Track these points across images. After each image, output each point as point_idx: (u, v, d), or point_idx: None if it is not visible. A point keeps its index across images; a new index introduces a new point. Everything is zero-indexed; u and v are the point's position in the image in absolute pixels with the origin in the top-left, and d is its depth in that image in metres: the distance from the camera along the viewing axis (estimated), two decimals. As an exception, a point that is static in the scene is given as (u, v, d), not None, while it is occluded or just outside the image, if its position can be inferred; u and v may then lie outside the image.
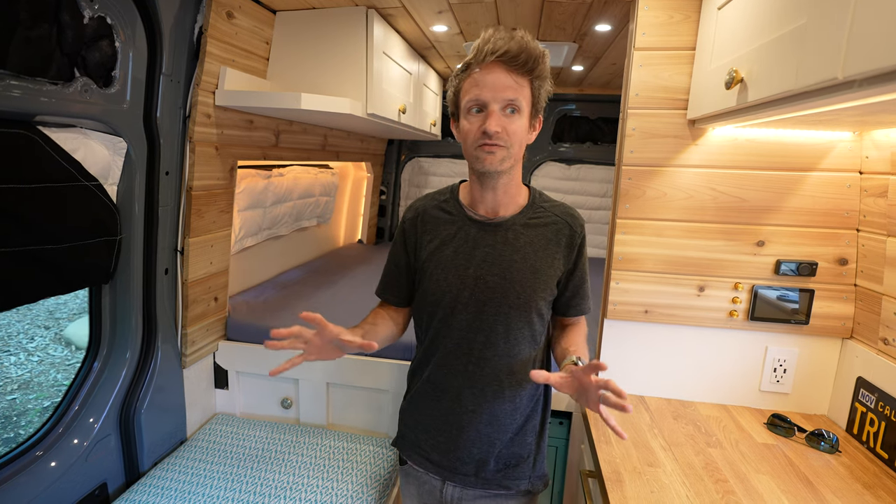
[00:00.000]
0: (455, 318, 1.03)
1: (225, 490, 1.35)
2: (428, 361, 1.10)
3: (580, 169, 3.35)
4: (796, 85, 0.77)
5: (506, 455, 1.09)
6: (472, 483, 1.09)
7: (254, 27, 1.59)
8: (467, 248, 1.04)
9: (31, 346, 4.93)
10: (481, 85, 0.92)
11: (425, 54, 2.42)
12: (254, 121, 1.70)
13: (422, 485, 1.15)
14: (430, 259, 1.06)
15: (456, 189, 1.11)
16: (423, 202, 1.12)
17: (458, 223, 1.06)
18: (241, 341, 1.75)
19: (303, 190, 2.47)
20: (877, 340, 1.22)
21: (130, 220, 1.32)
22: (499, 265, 1.02)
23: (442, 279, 1.04)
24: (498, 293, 1.01)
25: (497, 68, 0.92)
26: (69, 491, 1.24)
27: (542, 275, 1.03)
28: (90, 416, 1.31)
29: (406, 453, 1.16)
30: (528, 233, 1.04)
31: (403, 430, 1.18)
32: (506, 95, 0.92)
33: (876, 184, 1.22)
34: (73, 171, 1.13)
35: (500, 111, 0.93)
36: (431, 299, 1.05)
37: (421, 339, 1.14)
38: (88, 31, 1.10)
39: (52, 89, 1.04)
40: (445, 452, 1.09)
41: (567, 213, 1.08)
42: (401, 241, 1.12)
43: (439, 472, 1.11)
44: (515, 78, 0.93)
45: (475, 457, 1.08)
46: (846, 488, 1.04)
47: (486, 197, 1.04)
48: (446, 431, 1.08)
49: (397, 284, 1.14)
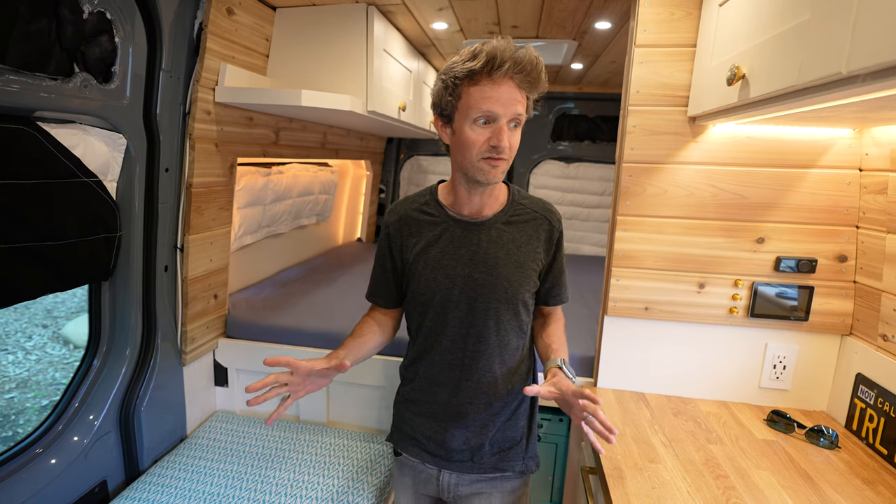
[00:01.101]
0: (448, 316, 1.07)
1: (225, 487, 1.35)
2: (423, 358, 1.13)
3: (579, 167, 3.35)
4: (799, 80, 0.77)
5: (500, 439, 1.13)
6: (467, 468, 1.13)
7: (254, 24, 1.58)
8: (453, 248, 1.07)
9: (28, 344, 4.91)
10: (493, 98, 0.92)
11: (425, 52, 2.42)
12: (254, 118, 1.69)
13: (417, 474, 1.18)
14: (418, 260, 1.08)
15: (434, 191, 1.14)
16: (403, 206, 1.14)
17: (441, 224, 1.09)
18: (240, 339, 1.75)
19: (302, 188, 2.47)
20: (876, 337, 1.22)
21: (130, 216, 1.31)
22: (485, 262, 1.05)
23: (431, 279, 1.06)
24: (487, 289, 1.05)
25: (508, 82, 0.92)
26: (69, 488, 1.24)
27: (526, 269, 1.07)
28: (90, 413, 1.31)
29: (401, 446, 1.19)
30: (510, 230, 1.08)
31: (399, 423, 1.20)
32: (515, 110, 0.94)
33: (876, 181, 1.23)
34: (72, 167, 1.12)
35: (506, 125, 0.94)
36: (422, 299, 1.08)
37: (413, 338, 1.17)
38: (88, 26, 1.10)
39: (51, 85, 1.03)
40: (441, 443, 1.12)
41: (545, 209, 1.12)
42: (386, 245, 1.14)
43: (435, 462, 1.14)
44: (521, 93, 0.95)
45: (471, 443, 1.12)
46: (846, 484, 1.05)
47: (473, 200, 1.06)
48: (443, 422, 1.12)
49: (386, 288, 1.17)
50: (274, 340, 1.73)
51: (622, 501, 0.97)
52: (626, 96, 1.37)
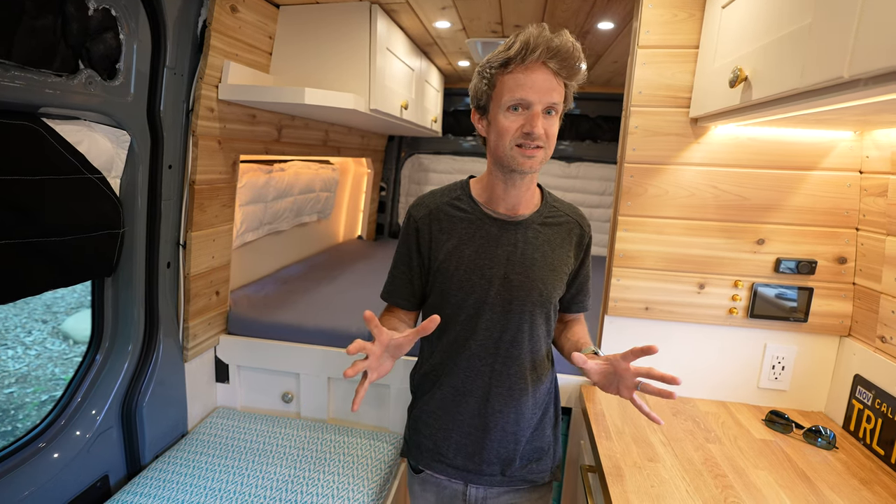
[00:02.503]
0: (481, 319, 1.02)
1: (226, 483, 1.36)
2: (447, 365, 1.06)
3: (580, 167, 3.36)
4: (801, 83, 0.78)
5: (529, 451, 1.09)
6: (497, 482, 1.08)
7: (257, 21, 1.59)
8: (490, 248, 1.02)
9: (28, 339, 4.92)
10: (526, 85, 0.90)
11: (427, 51, 2.42)
12: (256, 115, 1.70)
13: (441, 490, 1.13)
14: (449, 259, 1.02)
15: (466, 186, 1.08)
16: (433, 199, 1.08)
17: (475, 222, 1.03)
18: (242, 335, 1.75)
19: (303, 185, 2.47)
20: (874, 338, 1.23)
21: (133, 213, 1.32)
22: (521, 264, 1.01)
23: (465, 280, 1.01)
24: (523, 291, 1.01)
25: (541, 69, 0.90)
26: (71, 483, 1.24)
27: (559, 272, 1.05)
28: (92, 408, 1.32)
29: (423, 462, 1.12)
30: (546, 231, 1.05)
31: (419, 438, 1.12)
32: (550, 98, 0.91)
33: (876, 183, 1.23)
34: (77, 163, 1.13)
35: (541, 112, 0.92)
36: (455, 300, 1.02)
37: (434, 344, 1.09)
38: (93, 22, 1.10)
39: (56, 81, 1.04)
40: (471, 456, 1.07)
41: (577, 213, 1.11)
42: (413, 240, 1.06)
43: (462, 476, 1.09)
44: (559, 80, 0.92)
45: (502, 456, 1.07)
46: (843, 484, 1.06)
47: (509, 195, 1.01)
48: (471, 434, 1.06)
49: (409, 288, 1.09)
50: (275, 337, 1.73)
51: (621, 500, 0.98)
52: (628, 97, 1.38)
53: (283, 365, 1.73)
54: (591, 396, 1.41)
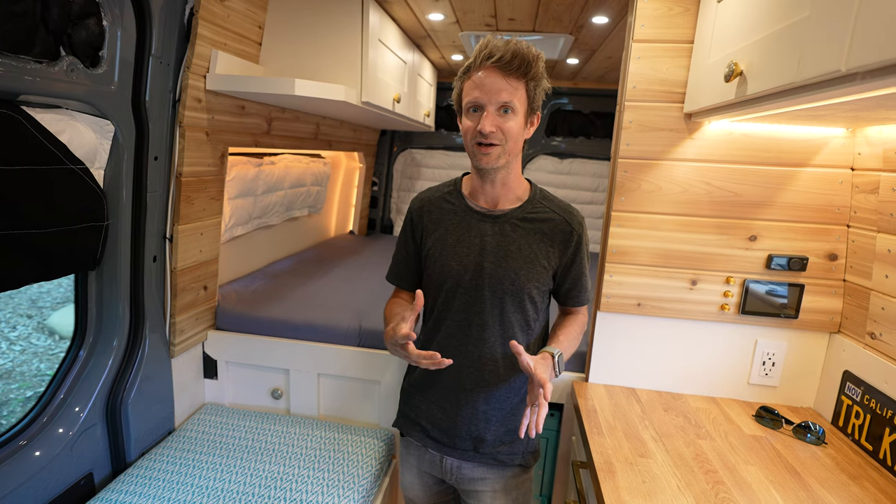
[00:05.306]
0: (455, 301, 1.13)
1: (213, 481, 1.34)
2: (430, 341, 1.18)
3: (572, 163, 3.36)
4: (798, 77, 0.77)
5: (502, 432, 1.17)
6: (470, 457, 1.17)
7: (247, 10, 1.55)
8: (469, 237, 1.13)
9: (13, 335, 4.83)
10: (479, 88, 1.01)
11: (420, 44, 2.39)
12: (245, 107, 1.67)
13: (421, 455, 1.24)
14: (435, 246, 1.15)
15: (459, 182, 1.20)
16: (428, 194, 1.22)
17: (460, 214, 1.15)
18: (230, 331, 1.73)
19: (294, 179, 2.44)
20: (864, 335, 1.24)
21: (118, 205, 1.28)
22: (495, 253, 1.11)
23: (445, 264, 1.13)
24: (494, 279, 1.10)
25: (493, 72, 1.00)
26: (54, 481, 1.22)
27: (536, 265, 1.11)
28: (76, 405, 1.29)
29: (406, 430, 1.25)
30: (525, 226, 1.13)
31: (405, 409, 1.26)
32: (500, 98, 1.00)
33: (867, 180, 1.24)
34: (58, 153, 1.10)
35: (495, 112, 1.01)
36: (436, 283, 1.15)
37: (425, 320, 1.22)
38: (75, 8, 1.07)
39: (36, 68, 1.00)
40: (445, 430, 1.17)
41: (565, 211, 1.15)
42: (409, 229, 1.21)
43: (438, 448, 1.19)
44: (510, 81, 1.00)
45: (473, 434, 1.16)
46: (832, 479, 1.06)
47: (486, 189, 1.13)
48: (445, 409, 1.17)
49: (407, 270, 1.24)
50: (264, 332, 1.71)
51: (613, 496, 0.97)
52: (622, 91, 1.37)
53: (272, 361, 1.71)
54: (582, 393, 1.40)
